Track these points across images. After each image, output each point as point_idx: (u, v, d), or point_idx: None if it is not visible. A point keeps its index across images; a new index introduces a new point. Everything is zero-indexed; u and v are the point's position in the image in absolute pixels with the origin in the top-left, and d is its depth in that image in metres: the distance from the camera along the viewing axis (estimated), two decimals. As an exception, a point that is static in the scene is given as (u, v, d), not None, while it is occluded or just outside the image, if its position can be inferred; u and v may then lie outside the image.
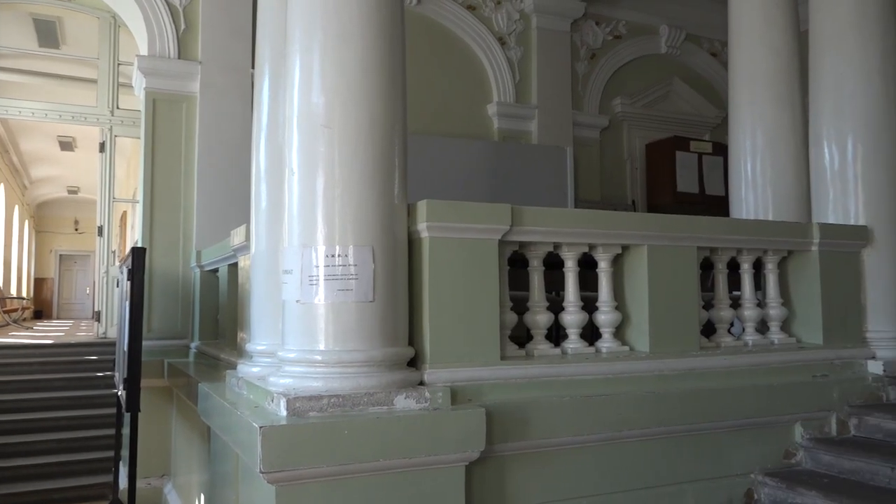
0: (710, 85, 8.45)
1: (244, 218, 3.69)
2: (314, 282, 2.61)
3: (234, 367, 3.51)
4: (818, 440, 3.53)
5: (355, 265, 2.60)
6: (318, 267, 2.61)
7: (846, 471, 3.32)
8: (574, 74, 7.65)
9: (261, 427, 2.29)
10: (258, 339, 3.25)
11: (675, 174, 7.60)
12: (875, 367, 3.84)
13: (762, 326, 3.85)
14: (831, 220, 4.09)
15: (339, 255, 2.60)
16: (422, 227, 2.79)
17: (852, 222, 4.03)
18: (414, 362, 2.81)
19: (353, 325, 2.60)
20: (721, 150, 7.34)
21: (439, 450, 2.55)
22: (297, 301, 2.65)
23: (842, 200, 4.10)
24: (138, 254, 4.22)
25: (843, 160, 4.11)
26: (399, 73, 2.82)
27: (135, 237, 8.36)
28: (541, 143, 7.21)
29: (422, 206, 2.77)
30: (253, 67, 3.81)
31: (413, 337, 2.82)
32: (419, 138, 6.35)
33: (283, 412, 2.43)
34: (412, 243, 2.85)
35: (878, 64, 4.09)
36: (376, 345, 2.61)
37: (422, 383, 2.73)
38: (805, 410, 3.58)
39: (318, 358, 2.58)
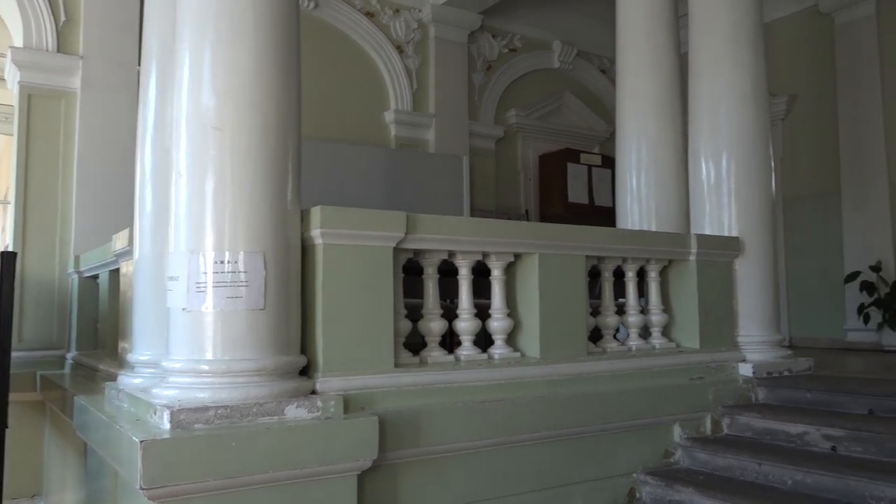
0: (600, 100, 8.80)
1: (127, 222, 3.52)
2: (202, 289, 2.52)
3: (114, 378, 3.33)
4: (695, 439, 3.73)
5: (246, 272, 2.53)
6: (206, 273, 2.53)
7: (720, 468, 3.53)
8: (471, 85, 7.77)
9: (141, 441, 2.18)
10: (141, 348, 3.10)
11: (567, 185, 7.85)
12: (745, 370, 4.10)
13: (645, 332, 4.03)
14: (708, 232, 4.34)
15: (228, 262, 2.52)
16: (315, 234, 2.75)
17: (726, 234, 4.29)
18: (306, 371, 2.76)
19: (242, 333, 2.52)
20: (609, 162, 7.65)
21: (331, 459, 2.52)
22: (184, 309, 2.54)
23: (717, 213, 4.36)
24: (7, 258, 3.94)
25: (719, 176, 4.37)
26: (294, 75, 2.77)
27: (6, 241, 7.79)
28: (437, 151, 7.28)
29: (316, 213, 2.74)
30: (139, 64, 3.64)
31: (306, 345, 2.77)
32: (314, 143, 6.26)
33: (167, 425, 2.33)
34: (306, 250, 2.81)
35: (749, 88, 4.38)
36: (267, 353, 2.54)
37: (314, 392, 2.69)
38: (683, 411, 3.77)
39: (206, 368, 2.49)
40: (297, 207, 2.75)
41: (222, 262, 2.52)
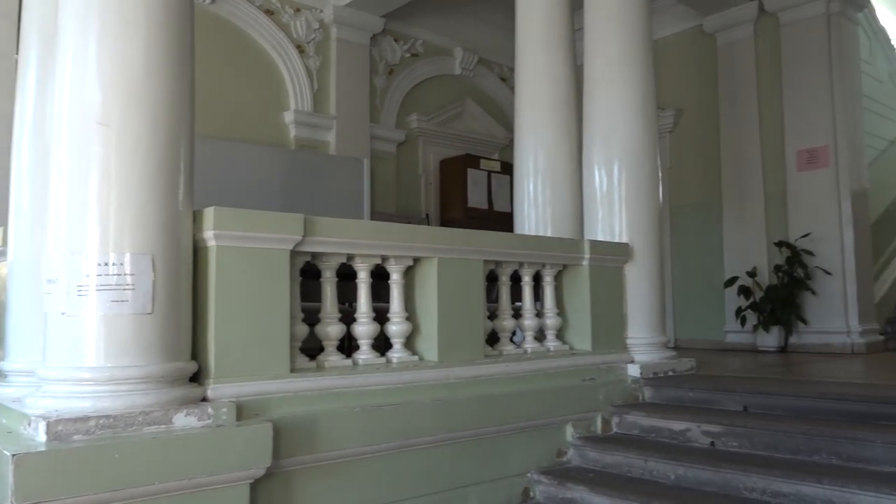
0: (500, 107, 8.97)
1: (1, 221, 3.29)
2: (83, 292, 2.39)
3: (-16, 388, 3.10)
4: (586, 438, 3.86)
5: (132, 274, 2.42)
6: (88, 276, 2.40)
7: (609, 465, 3.66)
8: (372, 88, 7.75)
9: (13, 455, 2.04)
10: (15, 356, 2.91)
11: (467, 190, 7.96)
12: (634, 371, 4.28)
13: (540, 335, 4.14)
14: (600, 238, 4.50)
15: (113, 264, 2.40)
16: (209, 236, 2.66)
17: (617, 240, 4.47)
18: (198, 377, 2.67)
19: (128, 339, 2.41)
20: (508, 169, 7.80)
21: (222, 468, 2.44)
22: (63, 313, 2.40)
23: (609, 220, 4.53)
24: None
25: (611, 184, 4.55)
26: (187, 70, 2.68)
27: None
28: (338, 153, 7.21)
29: (209, 214, 2.65)
30: (18, 54, 3.41)
31: (197, 351, 2.68)
32: (210, 142, 6.07)
33: (42, 437, 2.19)
34: (198, 252, 2.72)
35: (639, 100, 4.59)
36: (155, 360, 2.44)
37: (205, 399, 2.60)
38: (575, 412, 3.90)
39: (87, 375, 2.36)
40: (190, 208, 2.66)
41: (106, 265, 2.40)
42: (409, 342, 3.46)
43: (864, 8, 7.67)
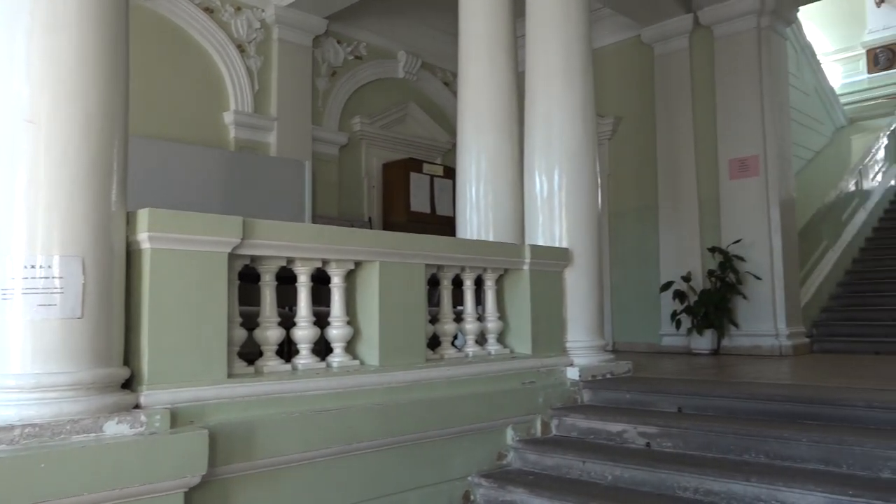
0: (443, 112, 9.00)
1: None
2: (8, 296, 2.29)
3: None
4: (526, 441, 3.90)
5: (61, 277, 2.33)
6: (14, 279, 2.30)
7: (548, 467, 3.71)
8: (315, 90, 7.67)
9: (-70, 467, 1.94)
10: (-67, 362, 2.76)
11: (410, 194, 7.95)
12: (573, 373, 4.35)
13: (481, 338, 4.17)
14: (541, 242, 4.57)
15: (40, 266, 2.31)
16: (143, 238, 2.59)
17: (557, 244, 4.54)
18: (130, 384, 2.59)
19: (56, 344, 2.32)
20: (451, 173, 7.82)
21: (155, 477, 2.38)
22: (-14, 318, 2.30)
23: (549, 225, 4.60)
24: None
25: (551, 189, 4.62)
26: (121, 68, 2.60)
27: None
28: (279, 155, 7.11)
29: (143, 215, 2.58)
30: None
31: (130, 357, 2.60)
32: (145, 142, 5.91)
33: (-38, 447, 2.10)
34: (131, 255, 2.64)
35: (579, 108, 4.68)
36: (84, 366, 2.36)
37: (138, 406, 2.53)
38: (516, 415, 3.94)
39: (12, 383, 2.27)
40: (123, 209, 2.58)
41: (34, 267, 2.31)
42: (350, 346, 3.44)
43: (792, 23, 7.99)
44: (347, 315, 3.41)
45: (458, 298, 4.07)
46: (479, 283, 4.17)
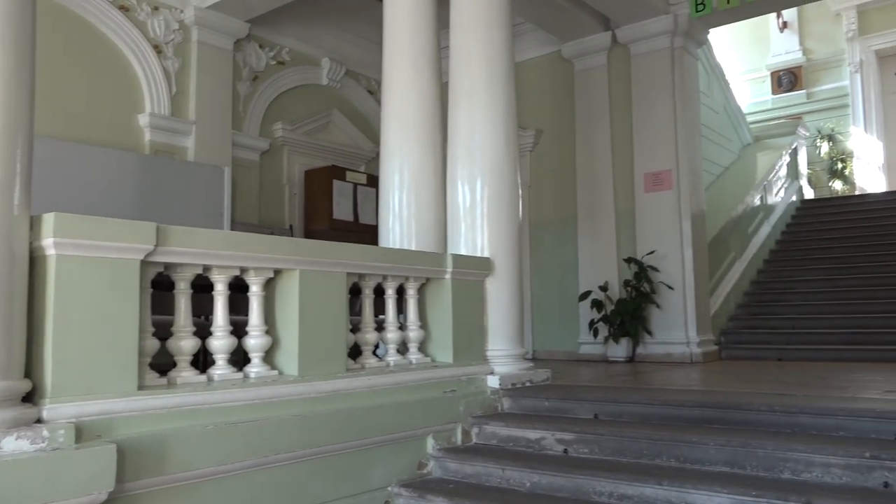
0: (367, 120, 8.97)
1: None
2: None
3: None
4: (446, 450, 3.91)
5: (-44, 285, 2.20)
6: None
7: (468, 475, 3.73)
8: (235, 94, 7.51)
9: None
10: None
11: (332, 202, 7.88)
12: (493, 382, 4.40)
13: (403, 347, 4.16)
14: (463, 252, 4.60)
15: (-67, 273, 2.17)
16: (48, 244, 2.47)
17: (479, 254, 4.58)
18: (32, 397, 2.46)
19: (-51, 356, 2.19)
20: (374, 182, 7.79)
21: (59, 495, 2.27)
22: None
23: (471, 234, 4.65)
24: None
25: (474, 199, 4.67)
26: (26, 65, 2.48)
27: None
28: (197, 160, 6.92)
29: (48, 220, 2.46)
30: None
31: (32, 369, 2.47)
32: (53, 142, 5.65)
33: None
34: (35, 261, 2.51)
35: (502, 120, 4.75)
36: (-20, 378, 2.23)
37: (40, 420, 2.40)
38: (437, 423, 3.95)
39: None
40: (27, 213, 2.46)
41: (-75, 274, 2.17)
42: (269, 356, 3.37)
43: (703, 45, 8.36)
44: (266, 324, 3.34)
45: (379, 307, 4.06)
46: (401, 292, 4.17)
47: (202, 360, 3.80)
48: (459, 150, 4.75)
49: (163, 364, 2.98)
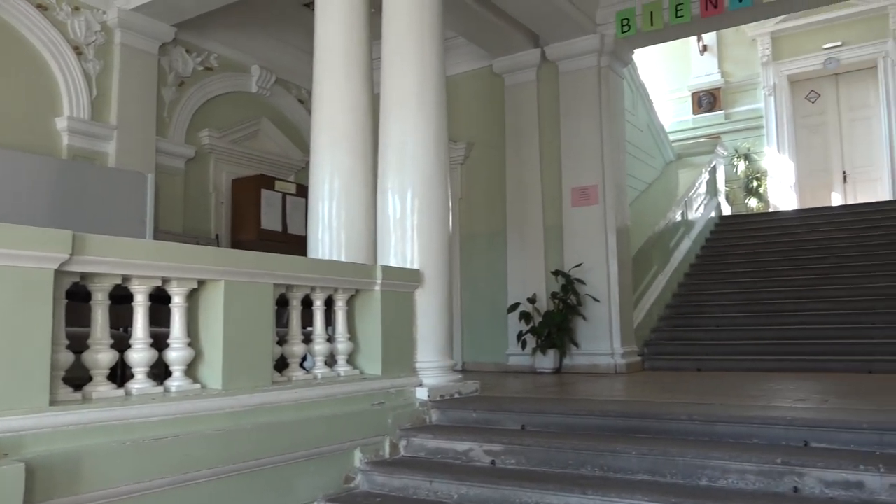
0: (297, 129, 8.86)
1: None
2: None
3: None
4: (374, 463, 3.88)
5: None
6: None
7: (396, 488, 3.71)
8: (160, 99, 7.30)
9: None
10: None
11: (260, 211, 7.74)
12: (422, 394, 4.40)
13: (331, 360, 4.12)
14: (393, 263, 4.59)
15: None
16: (-48, 252, 2.34)
17: (409, 266, 4.59)
18: (-69, 414, 2.32)
19: None
20: (304, 191, 7.69)
21: (-41, 518, 2.14)
22: None
23: (401, 246, 4.65)
24: None
25: (404, 211, 4.67)
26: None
27: None
28: (119, 166, 6.68)
29: (-47, 227, 2.34)
30: None
31: (-68, 383, 2.33)
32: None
33: None
34: (-62, 270, 2.38)
35: (433, 130, 4.78)
36: None
37: (-60, 439, 2.27)
38: (364, 436, 3.91)
39: None
40: (-71, 219, 2.32)
41: None
42: (192, 370, 3.28)
43: (629, 64, 8.63)
44: (189, 336, 3.25)
45: (307, 319, 4.00)
46: (329, 304, 4.12)
47: (120, 374, 3.66)
48: (390, 160, 4.75)
49: (79, 378, 2.86)
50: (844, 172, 12.86)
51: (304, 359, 3.98)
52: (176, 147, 7.39)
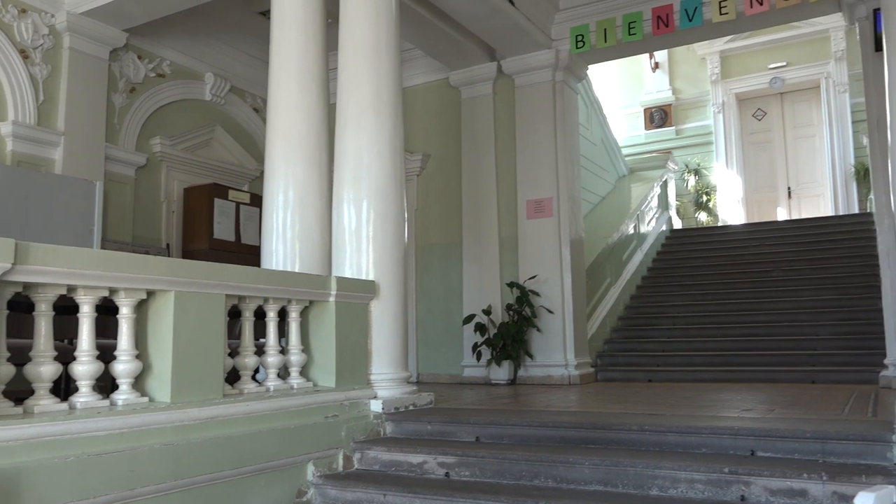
0: (252, 138, 8.77)
1: None
2: None
3: None
4: (327, 476, 3.83)
5: None
6: None
7: (349, 502, 3.67)
8: (110, 106, 7.14)
9: None
10: None
11: (213, 221, 7.62)
12: (376, 406, 4.37)
13: (284, 372, 4.06)
14: (348, 275, 4.57)
15: None
16: None
17: (364, 277, 4.56)
18: None
19: None
20: (258, 201, 7.61)
21: None
22: None
23: (356, 257, 4.62)
24: None
25: (359, 222, 4.65)
26: None
27: None
28: (66, 173, 6.51)
29: None
30: None
31: None
32: None
33: None
34: None
35: (389, 142, 4.78)
36: None
37: None
38: (317, 449, 3.86)
39: None
40: None
41: None
42: (140, 383, 3.20)
43: (583, 80, 8.77)
44: (138, 348, 3.17)
45: (260, 331, 3.94)
46: (283, 315, 4.07)
47: (64, 388, 3.56)
48: (346, 171, 4.73)
49: (20, 392, 2.77)
50: (789, 188, 13.28)
51: (256, 371, 3.92)
52: (126, 154, 7.23)
